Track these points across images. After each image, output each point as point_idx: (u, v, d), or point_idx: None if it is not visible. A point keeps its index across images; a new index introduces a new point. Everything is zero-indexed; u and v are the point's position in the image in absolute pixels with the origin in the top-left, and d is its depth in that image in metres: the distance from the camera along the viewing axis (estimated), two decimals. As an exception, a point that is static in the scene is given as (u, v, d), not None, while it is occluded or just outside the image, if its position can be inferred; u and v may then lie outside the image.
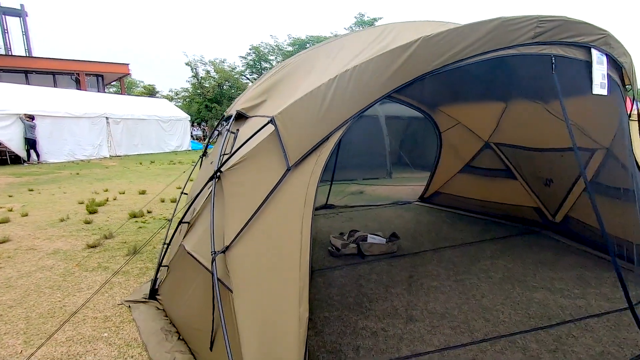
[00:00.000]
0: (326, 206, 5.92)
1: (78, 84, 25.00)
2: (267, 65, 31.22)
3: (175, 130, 20.00)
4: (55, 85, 23.11)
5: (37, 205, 6.41)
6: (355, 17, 28.63)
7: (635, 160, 2.97)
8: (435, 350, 2.23)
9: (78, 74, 25.12)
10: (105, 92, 27.49)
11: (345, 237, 4.15)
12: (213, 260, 1.82)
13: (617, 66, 2.56)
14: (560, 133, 3.94)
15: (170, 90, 36.25)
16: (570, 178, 4.19)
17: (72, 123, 14.95)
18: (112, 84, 32.27)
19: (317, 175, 1.85)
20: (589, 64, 2.34)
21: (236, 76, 29.10)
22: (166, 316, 2.62)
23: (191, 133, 22.96)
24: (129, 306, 2.81)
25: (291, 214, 1.81)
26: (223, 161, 2.20)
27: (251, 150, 2.06)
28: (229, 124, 2.60)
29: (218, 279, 1.80)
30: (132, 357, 2.23)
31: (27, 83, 20.72)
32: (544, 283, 3.18)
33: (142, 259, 3.80)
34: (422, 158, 9.35)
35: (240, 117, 2.65)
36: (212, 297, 1.85)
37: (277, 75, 2.84)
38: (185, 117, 20.84)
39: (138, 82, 40.79)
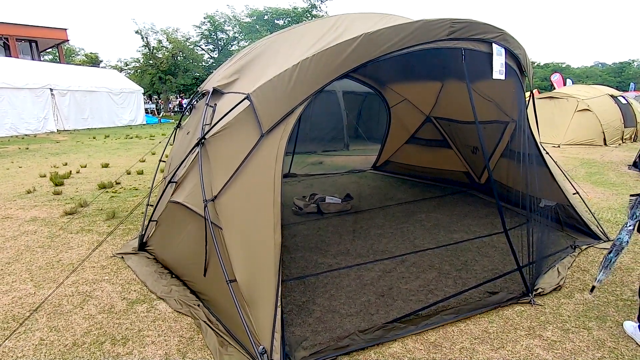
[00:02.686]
0: (289, 175, 6.49)
1: (7, 50, 22.68)
2: (223, 35, 30.12)
3: (127, 104, 19.17)
4: (-21, 51, 20.90)
5: (-5, 179, 6.34)
6: (314, -11, 28.27)
7: (530, 129, 3.82)
8: (376, 260, 2.98)
9: (7, 39, 22.74)
10: (41, 60, 25.21)
11: (306, 199, 4.77)
12: (205, 206, 2.35)
13: (515, 57, 3.31)
14: (483, 108, 4.79)
15: (119, 60, 33.93)
16: (491, 146, 5.09)
17: (12, 94, 13.94)
18: (47, 50, 29.50)
19: (284, 140, 2.40)
20: (491, 55, 3.05)
21: (191, 47, 27.86)
22: (157, 262, 3.11)
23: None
24: (122, 257, 3.26)
25: (266, 168, 2.36)
26: (206, 130, 2.68)
27: (230, 120, 2.56)
28: (207, 99, 3.03)
29: (210, 221, 2.34)
30: (134, 290, 2.73)
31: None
32: (463, 228, 4.04)
33: (123, 222, 4.17)
34: (376, 131, 10.13)
35: (216, 92, 3.09)
36: (204, 235, 2.38)
37: (247, 57, 3.29)
38: (138, 89, 19.96)
39: (78, 50, 37.54)
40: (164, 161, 3.90)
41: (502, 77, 3.16)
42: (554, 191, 3.88)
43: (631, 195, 2.31)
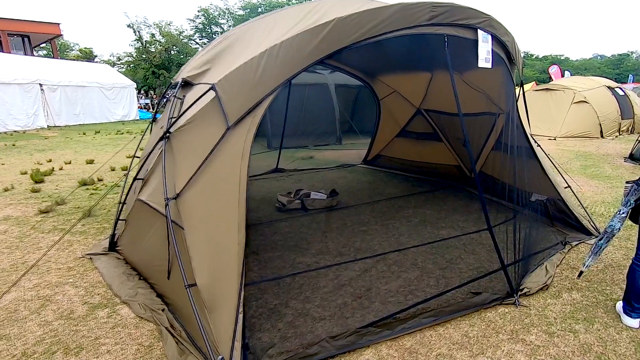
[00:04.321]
0: (276, 170, 6.33)
1: (0, 45, 22.33)
2: (217, 29, 29.76)
3: (120, 99, 18.89)
4: (-29, 46, 20.54)
5: (-26, 176, 6.16)
6: (309, -20, 27.86)
7: (520, 120, 3.67)
8: (356, 259, 2.83)
9: None
10: (34, 55, 24.83)
11: (291, 195, 4.62)
12: (166, 205, 2.19)
13: (502, 45, 3.14)
14: (474, 100, 4.61)
15: (112, 55, 33.56)
16: (482, 139, 4.93)
17: (0, 90, 13.68)
18: (41, 46, 29.08)
19: (251, 134, 2.24)
20: (477, 42, 2.88)
21: (184, 40, 27.51)
22: (126, 263, 2.97)
23: (138, 100, 21.83)
24: (90, 258, 3.11)
25: (231, 164, 2.20)
26: (171, 124, 2.52)
27: (196, 113, 2.40)
28: (176, 90, 2.86)
29: (172, 220, 2.19)
30: (98, 294, 2.58)
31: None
32: (450, 224, 3.90)
33: (98, 221, 4.01)
34: (369, 124, 9.92)
35: (187, 84, 2.92)
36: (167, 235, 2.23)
37: (220, 46, 3.11)
38: (131, 84, 19.66)
39: (72, 45, 37.11)
40: (139, 157, 3.73)
41: (489, 65, 3.00)
42: (544, 185, 3.74)
43: (627, 182, 2.19)
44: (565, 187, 3.84)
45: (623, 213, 2.13)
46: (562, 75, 23.58)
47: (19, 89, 14.25)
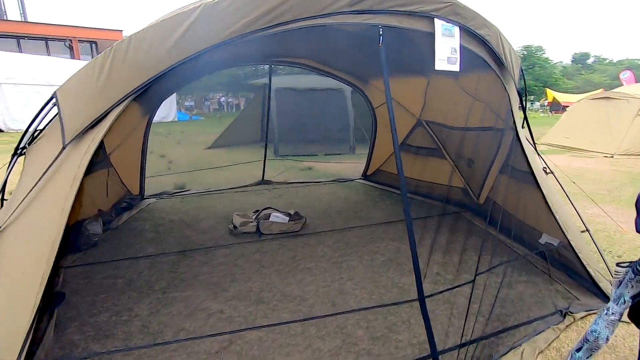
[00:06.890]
0: (262, 182, 5.82)
1: (72, 52, 24.54)
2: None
3: (160, 101, 19.71)
4: (48, 52, 22.71)
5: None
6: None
7: (519, 139, 2.81)
8: (260, 327, 2.19)
9: (71, 41, 24.57)
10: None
11: (251, 216, 4.07)
12: (-21, 243, 1.76)
13: (482, 41, 2.33)
14: (476, 111, 3.74)
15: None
16: (488, 159, 4.02)
17: (29, 90, 14.60)
18: (108, 50, 31.68)
19: (90, 154, 1.74)
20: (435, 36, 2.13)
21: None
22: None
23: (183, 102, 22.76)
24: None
25: (59, 194, 1.71)
26: (32, 136, 2.10)
27: (48, 125, 1.97)
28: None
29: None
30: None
31: (19, 49, 20.56)
32: (422, 267, 3.09)
33: None
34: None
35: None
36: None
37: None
38: (171, 87, 20.45)
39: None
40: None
41: (455, 67, 2.24)
42: (548, 225, 2.84)
43: (618, 265, 1.36)
44: (582, 232, 2.87)
45: (613, 314, 1.30)
46: (636, 82, 20.65)
47: (50, 91, 15.27)
